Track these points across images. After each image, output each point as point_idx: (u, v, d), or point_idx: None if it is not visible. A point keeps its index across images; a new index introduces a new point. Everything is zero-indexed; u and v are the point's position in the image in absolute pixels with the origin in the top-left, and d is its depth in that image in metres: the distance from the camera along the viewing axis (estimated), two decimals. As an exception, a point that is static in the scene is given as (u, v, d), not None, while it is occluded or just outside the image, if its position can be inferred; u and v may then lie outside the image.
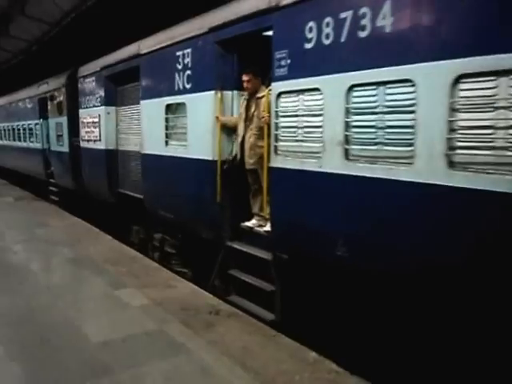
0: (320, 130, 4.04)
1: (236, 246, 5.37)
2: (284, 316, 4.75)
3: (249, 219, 5.36)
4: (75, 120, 10.40)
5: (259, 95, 5.00)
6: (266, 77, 5.09)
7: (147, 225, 7.98)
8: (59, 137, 11.28)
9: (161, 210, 6.75)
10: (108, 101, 8.42)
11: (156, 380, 3.54)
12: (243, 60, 5.33)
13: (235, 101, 5.44)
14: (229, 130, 5.44)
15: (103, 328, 4.42)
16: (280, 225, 4.57)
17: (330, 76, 3.91)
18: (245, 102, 5.17)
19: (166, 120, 6.38)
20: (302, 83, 4.19)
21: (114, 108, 8.43)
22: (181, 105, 6.03)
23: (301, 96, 4.26)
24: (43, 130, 12.77)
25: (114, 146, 8.52)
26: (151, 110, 6.73)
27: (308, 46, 4.10)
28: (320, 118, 4.04)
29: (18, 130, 15.35)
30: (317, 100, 4.09)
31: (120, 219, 8.95)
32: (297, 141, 4.32)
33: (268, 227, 4.97)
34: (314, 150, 4.11)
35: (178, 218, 6.37)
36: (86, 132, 9.41)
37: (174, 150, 6.20)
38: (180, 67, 5.90)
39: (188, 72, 5.76)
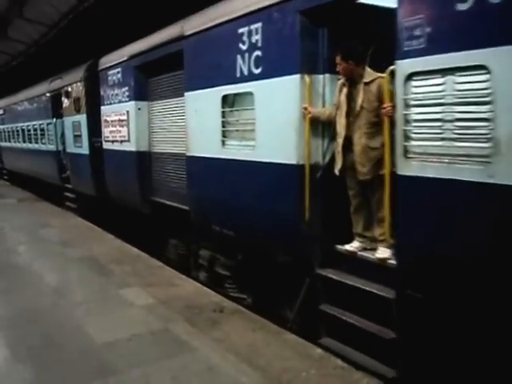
0: (487, 124, 2.83)
1: (332, 275, 4.16)
2: (406, 372, 3.56)
3: (347, 240, 4.16)
4: (96, 118, 9.23)
5: (367, 80, 3.78)
6: (363, 57, 3.88)
7: (190, 239, 6.80)
8: (77, 137, 10.08)
9: (215, 225, 5.55)
10: (138, 95, 7.19)
11: (163, 379, 3.47)
12: (335, 35, 4.11)
13: (327, 87, 4.21)
14: (318, 126, 4.23)
15: (108, 328, 4.37)
16: (414, 254, 3.35)
17: (507, 47, 2.69)
18: (344, 90, 3.95)
19: (223, 114, 5.16)
20: (455, 59, 2.96)
21: (145, 103, 7.20)
22: (245, 95, 4.82)
23: (450, 77, 3.03)
24: (57, 131, 11.58)
25: (147, 148, 7.31)
26: (201, 102, 5.51)
27: (462, 6, 2.87)
28: (487, 107, 2.82)
29: (28, 130, 14.15)
30: (481, 82, 2.86)
31: (152, 230, 7.79)
32: (443, 139, 3.10)
33: (383, 253, 3.77)
34: (478, 153, 2.89)
35: (241, 236, 5.17)
36: (111, 132, 8.20)
37: (236, 152, 4.99)
38: (244, 47, 4.68)
39: (257, 53, 4.53)
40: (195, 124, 5.65)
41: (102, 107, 8.50)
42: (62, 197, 12.17)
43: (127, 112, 7.44)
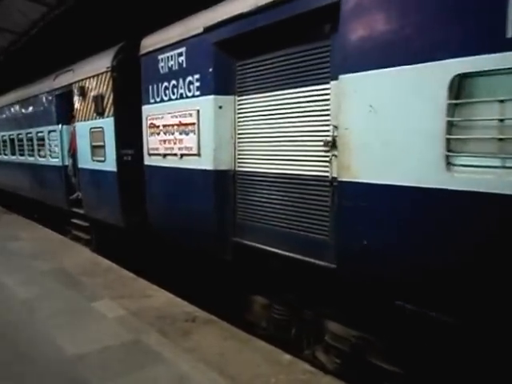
0: None
1: None
2: None
3: None
4: (127, 123, 6.81)
5: None
6: None
7: (303, 303, 4.48)
8: (96, 149, 7.54)
9: (406, 301, 3.20)
10: (220, 86, 4.78)
11: None
12: None
13: None
14: None
15: (79, 341, 4.29)
16: None
17: None
18: None
19: (449, 111, 2.81)
20: None
21: (230, 98, 4.80)
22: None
23: None
24: (63, 140, 8.97)
25: (230, 165, 4.89)
26: (385, 91, 3.15)
27: None
28: None
29: (20, 140, 11.42)
30: None
31: (229, 281, 5.42)
32: None
33: None
34: None
35: (487, 329, 2.83)
36: (162, 141, 5.73)
37: (491, 180, 2.63)
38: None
39: None
40: (367, 128, 3.27)
41: (146, 107, 6.02)
42: (67, 223, 9.59)
43: (197, 112, 5.00)
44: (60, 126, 8.92)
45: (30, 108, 10.52)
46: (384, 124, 3.16)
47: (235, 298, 5.49)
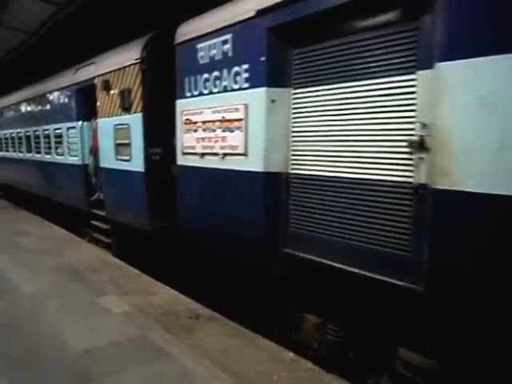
0: None
1: None
2: None
3: None
4: (156, 119, 6.31)
5: None
6: None
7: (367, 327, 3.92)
8: (121, 147, 7.01)
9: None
10: (273, 77, 4.21)
11: None
12: None
13: None
14: None
15: (86, 336, 4.32)
16: None
17: None
18: None
19: None
20: None
21: (286, 91, 4.22)
22: None
23: None
24: (84, 138, 8.46)
25: (283, 167, 4.33)
26: (504, 81, 2.58)
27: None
28: None
29: (36, 137, 10.93)
30: None
31: (274, 295, 4.90)
32: None
33: None
34: None
35: None
36: (200, 139, 5.18)
37: None
38: None
39: None
40: (480, 128, 2.69)
41: (181, 101, 5.47)
42: (86, 224, 9.09)
43: (245, 107, 4.45)
44: (80, 122, 8.41)
45: (48, 104, 10.02)
46: (506, 122, 2.58)
47: (280, 313, 4.97)
